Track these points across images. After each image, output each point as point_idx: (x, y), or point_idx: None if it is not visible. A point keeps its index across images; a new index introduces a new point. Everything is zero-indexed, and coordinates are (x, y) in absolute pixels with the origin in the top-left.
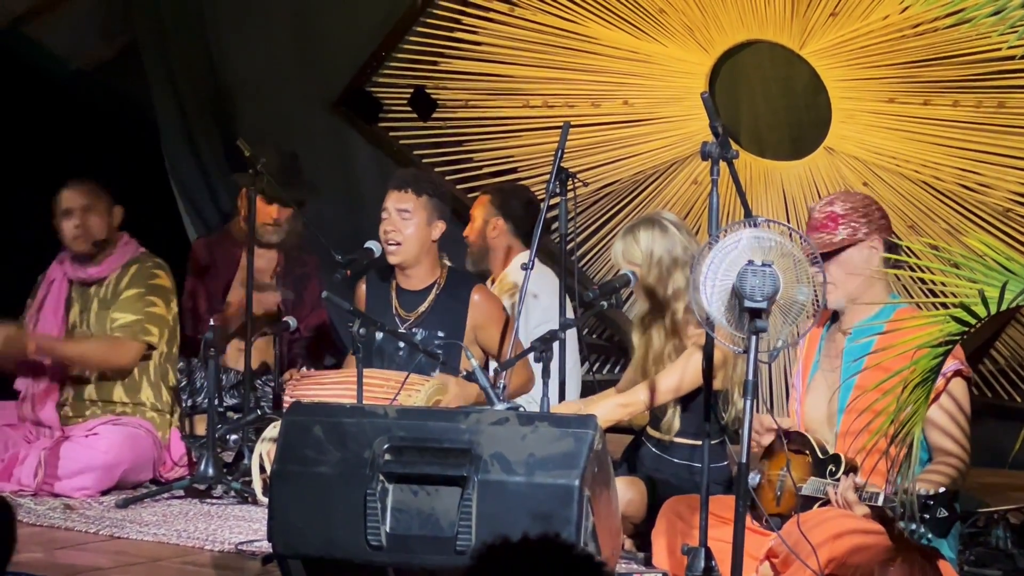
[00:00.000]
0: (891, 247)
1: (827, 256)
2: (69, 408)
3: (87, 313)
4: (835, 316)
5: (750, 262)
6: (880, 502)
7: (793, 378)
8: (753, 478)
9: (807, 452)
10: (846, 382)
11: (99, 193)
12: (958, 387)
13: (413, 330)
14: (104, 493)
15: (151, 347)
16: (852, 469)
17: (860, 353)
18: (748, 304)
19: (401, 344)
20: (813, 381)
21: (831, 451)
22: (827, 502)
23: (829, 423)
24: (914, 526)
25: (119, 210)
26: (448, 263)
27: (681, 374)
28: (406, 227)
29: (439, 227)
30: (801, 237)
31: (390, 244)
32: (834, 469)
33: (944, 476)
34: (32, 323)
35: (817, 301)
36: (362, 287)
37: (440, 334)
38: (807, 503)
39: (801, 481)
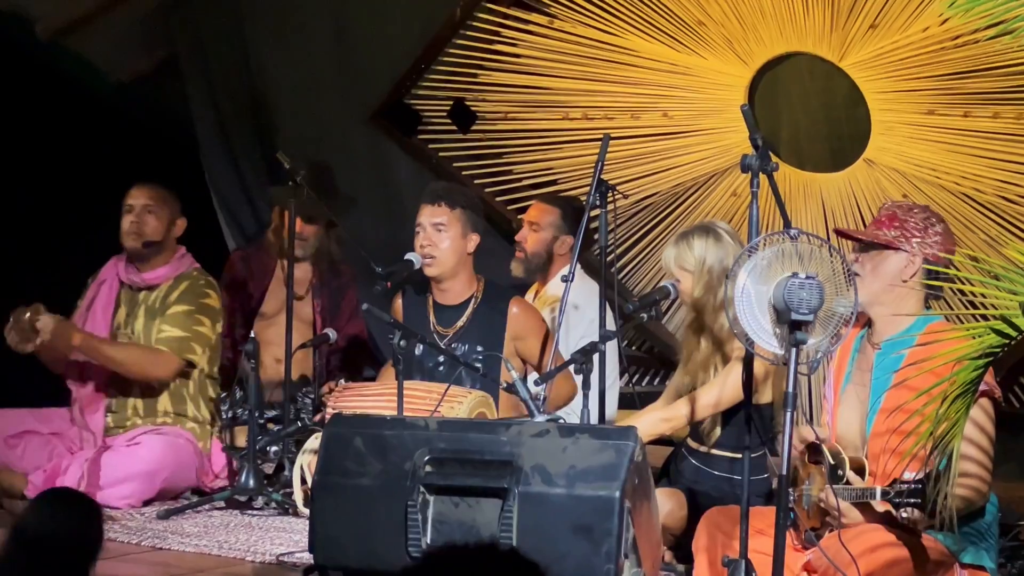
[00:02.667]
0: (931, 272)
1: (866, 246)
2: (111, 418)
3: (132, 319)
4: (867, 327)
5: (795, 274)
6: (877, 497)
7: (825, 390)
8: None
9: (821, 462)
10: (875, 394)
11: (165, 198)
12: (983, 407)
13: (453, 345)
14: (147, 503)
15: (191, 365)
16: (858, 469)
17: (890, 367)
18: (795, 317)
19: (441, 358)
20: (845, 393)
21: (845, 455)
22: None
23: (861, 436)
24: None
25: (182, 222)
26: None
27: (720, 389)
28: (441, 240)
29: (474, 239)
30: (837, 251)
31: (426, 258)
32: (841, 473)
33: (960, 493)
34: (81, 323)
35: (853, 314)
36: (398, 301)
37: (479, 349)
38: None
39: (820, 491)
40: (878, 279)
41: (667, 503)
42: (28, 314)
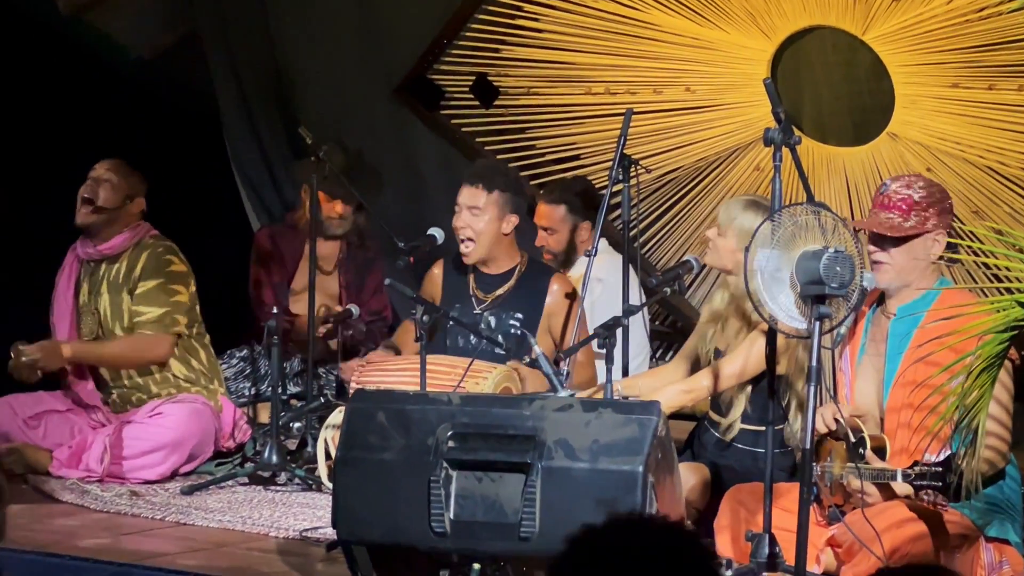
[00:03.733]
0: (950, 241)
1: (892, 240)
2: (116, 396)
3: (95, 295)
4: (880, 300)
5: (826, 248)
6: (899, 479)
7: (840, 363)
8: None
9: (842, 438)
10: (891, 362)
11: (123, 172)
12: (1002, 372)
13: (487, 312)
14: (174, 472)
15: (179, 336)
16: (878, 452)
17: (905, 332)
18: (828, 291)
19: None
20: (860, 366)
21: (866, 433)
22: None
23: (879, 407)
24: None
25: (141, 200)
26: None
27: (744, 360)
28: (476, 223)
29: (512, 220)
30: (853, 230)
31: (463, 242)
32: (862, 452)
33: (983, 456)
34: (52, 312)
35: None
36: (435, 270)
37: (518, 316)
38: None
39: (842, 468)
40: (910, 264)
41: (690, 477)
42: (15, 357)
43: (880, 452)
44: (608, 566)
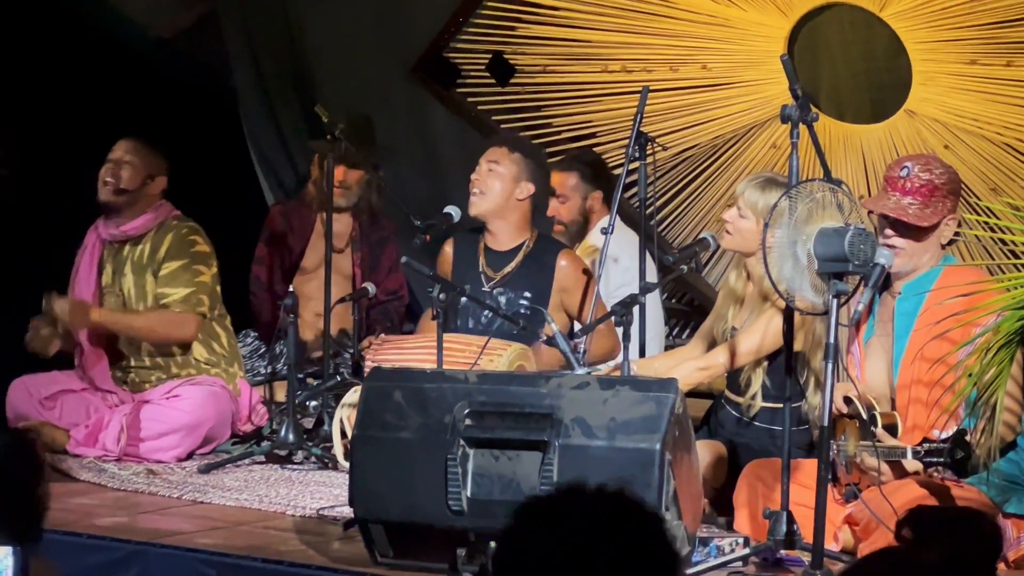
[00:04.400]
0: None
1: (912, 226)
2: (134, 375)
3: (119, 276)
4: (886, 280)
5: (848, 225)
6: (909, 456)
7: (849, 344)
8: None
9: (856, 416)
10: (899, 339)
11: (145, 152)
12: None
13: (497, 290)
14: (190, 454)
15: (204, 316)
16: (889, 429)
17: (911, 310)
18: (852, 268)
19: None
20: (869, 346)
21: (878, 411)
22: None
23: (889, 385)
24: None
25: (162, 180)
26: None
27: (762, 336)
28: (491, 178)
29: (527, 188)
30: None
31: (472, 193)
32: (874, 429)
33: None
34: (71, 291)
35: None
36: (447, 248)
37: (527, 295)
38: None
39: (856, 447)
40: (925, 249)
41: (707, 455)
42: (46, 308)
43: (892, 429)
44: (552, 537)
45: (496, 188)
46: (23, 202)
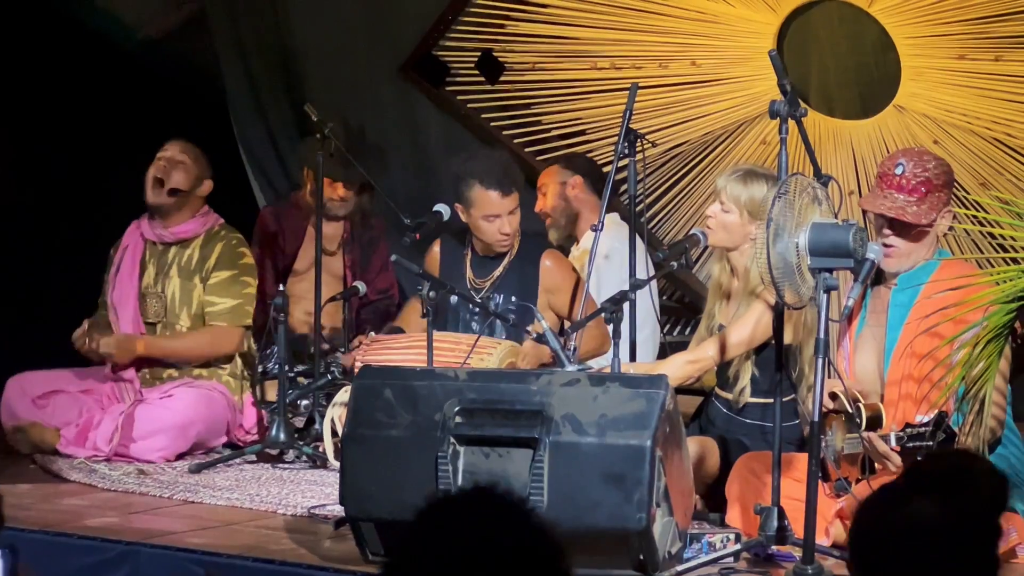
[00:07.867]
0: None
1: (910, 225)
2: (147, 371)
3: (163, 277)
4: (879, 273)
5: (846, 221)
6: (892, 443)
7: (840, 338)
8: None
9: (841, 411)
10: (892, 332)
11: (196, 155)
12: None
13: (488, 296)
14: (180, 456)
15: (248, 328)
16: (874, 420)
17: (906, 302)
18: (855, 263)
19: (476, 308)
20: (860, 338)
21: (863, 404)
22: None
23: (879, 378)
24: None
25: (209, 183)
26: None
27: (752, 327)
28: (515, 221)
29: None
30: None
31: (504, 241)
32: (859, 421)
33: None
34: (110, 291)
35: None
36: (435, 248)
37: (514, 299)
38: (854, 460)
39: (843, 442)
40: (920, 247)
41: (698, 451)
42: (84, 338)
43: (876, 420)
44: (446, 540)
45: (517, 227)
46: (13, 202)
